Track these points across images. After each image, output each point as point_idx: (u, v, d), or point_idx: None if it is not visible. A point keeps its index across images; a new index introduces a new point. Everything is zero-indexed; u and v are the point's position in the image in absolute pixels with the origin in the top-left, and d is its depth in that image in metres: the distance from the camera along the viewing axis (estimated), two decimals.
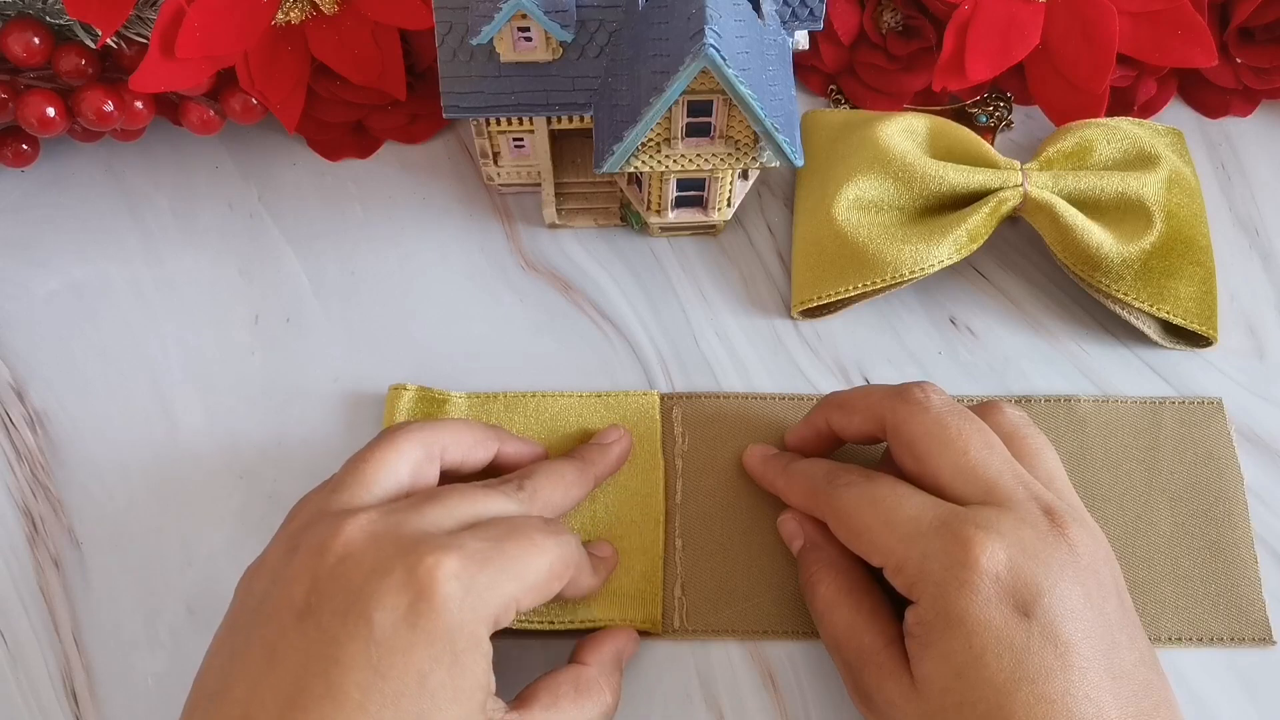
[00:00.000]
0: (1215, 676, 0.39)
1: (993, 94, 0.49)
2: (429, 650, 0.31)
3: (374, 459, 0.36)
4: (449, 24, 0.40)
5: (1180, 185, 0.44)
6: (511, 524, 0.34)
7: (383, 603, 0.31)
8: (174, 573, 0.41)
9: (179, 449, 0.43)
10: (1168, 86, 0.50)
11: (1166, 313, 0.43)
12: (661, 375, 0.44)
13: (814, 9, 0.41)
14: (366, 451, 0.36)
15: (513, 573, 0.32)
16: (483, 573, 0.32)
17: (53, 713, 0.39)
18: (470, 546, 0.32)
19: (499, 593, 0.32)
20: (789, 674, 0.39)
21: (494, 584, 0.32)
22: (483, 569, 0.32)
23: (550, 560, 0.34)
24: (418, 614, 0.31)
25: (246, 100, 0.45)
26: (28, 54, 0.42)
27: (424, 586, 0.31)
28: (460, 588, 0.31)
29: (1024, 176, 0.43)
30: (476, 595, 0.31)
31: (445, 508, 0.34)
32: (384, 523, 0.33)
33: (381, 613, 0.31)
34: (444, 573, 0.31)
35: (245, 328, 0.45)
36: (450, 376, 0.44)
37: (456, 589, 0.31)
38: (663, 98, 0.37)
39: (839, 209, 0.44)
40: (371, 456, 0.36)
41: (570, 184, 0.47)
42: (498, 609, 0.32)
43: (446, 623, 0.31)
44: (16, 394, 0.44)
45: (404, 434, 0.36)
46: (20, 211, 0.48)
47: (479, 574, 0.32)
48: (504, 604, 0.32)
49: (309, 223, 0.48)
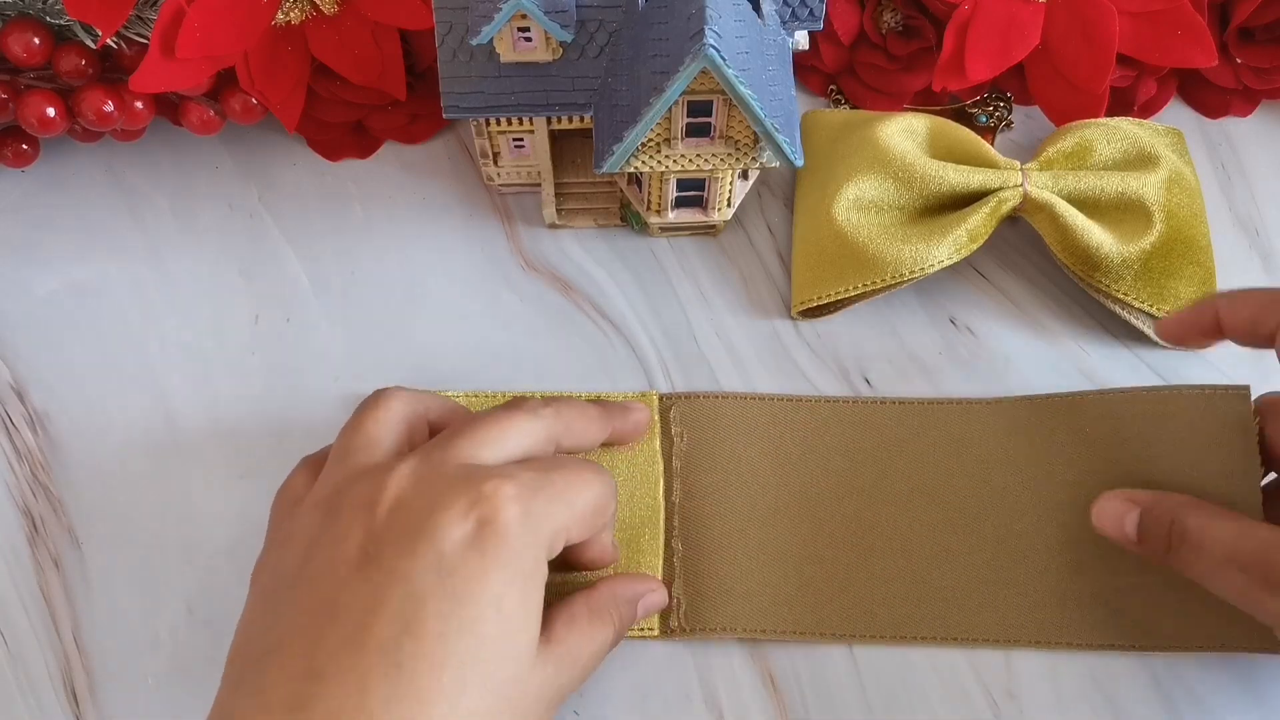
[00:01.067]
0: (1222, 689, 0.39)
1: (993, 94, 0.49)
2: (501, 574, 0.31)
3: (370, 418, 0.36)
4: (449, 24, 0.40)
5: (1180, 185, 0.44)
6: (558, 458, 0.35)
7: (449, 533, 0.31)
8: (174, 573, 0.41)
9: (179, 449, 0.43)
10: (1168, 86, 0.50)
11: (1167, 313, 0.43)
12: (661, 375, 0.44)
13: (814, 9, 0.41)
14: (358, 417, 0.36)
15: (564, 500, 0.33)
16: (536, 498, 0.32)
17: (53, 713, 0.39)
18: (522, 476, 0.32)
19: (553, 519, 0.32)
20: (789, 674, 0.39)
21: (548, 510, 0.32)
22: (536, 495, 0.32)
23: (596, 492, 0.34)
24: (484, 538, 0.31)
25: (246, 100, 0.45)
26: (28, 54, 0.42)
27: (487, 512, 0.31)
28: (520, 512, 0.31)
29: (1024, 176, 0.43)
30: (535, 519, 0.32)
31: (475, 439, 0.34)
32: (426, 465, 0.33)
33: (450, 542, 0.31)
34: (504, 496, 0.31)
35: (245, 328, 0.45)
36: (450, 376, 0.44)
37: (517, 512, 0.31)
38: (663, 98, 0.37)
39: (839, 209, 0.44)
40: (367, 417, 0.36)
41: (570, 184, 0.47)
42: (551, 535, 0.32)
43: (513, 546, 0.31)
44: (16, 394, 0.44)
45: (388, 393, 0.37)
46: (20, 211, 0.48)
47: (533, 499, 0.32)
48: (556, 531, 0.33)
49: (309, 223, 0.48)
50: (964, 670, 0.39)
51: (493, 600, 0.31)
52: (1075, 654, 0.39)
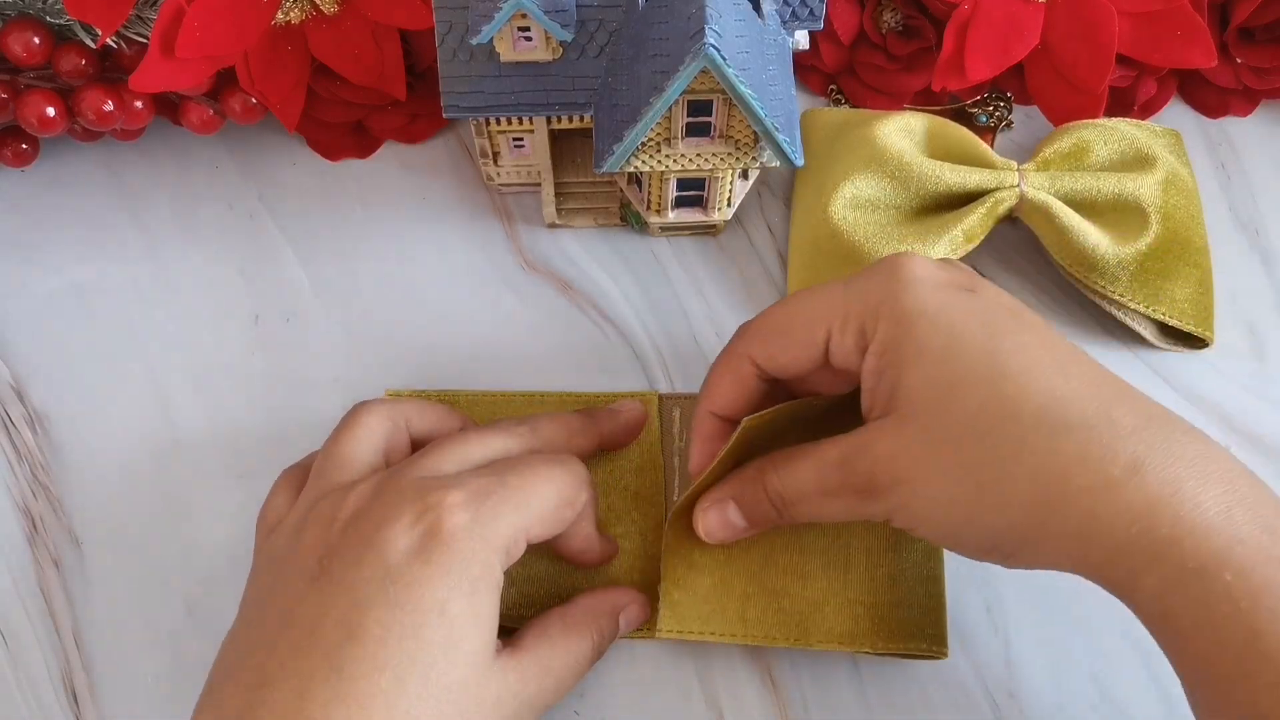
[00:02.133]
0: None
1: (993, 94, 0.49)
2: (445, 580, 0.31)
3: (347, 437, 0.36)
4: (449, 24, 0.40)
5: (1177, 186, 0.44)
6: (512, 460, 0.35)
7: (395, 544, 0.31)
8: (174, 573, 0.41)
9: (179, 449, 0.43)
10: (1168, 86, 0.50)
11: (1162, 314, 0.43)
12: (661, 375, 0.44)
13: (814, 9, 0.41)
14: (335, 437, 0.37)
15: (516, 502, 0.33)
16: (485, 502, 0.32)
17: (53, 713, 0.39)
18: (472, 483, 0.33)
19: (507, 522, 0.33)
20: (789, 674, 0.39)
21: (499, 514, 0.32)
22: (484, 499, 0.32)
23: (557, 487, 0.34)
24: (429, 548, 0.31)
25: (246, 100, 0.45)
26: (28, 54, 0.42)
27: (432, 520, 0.31)
28: (468, 517, 0.32)
29: (1020, 177, 0.43)
30: (484, 524, 0.32)
31: (442, 455, 0.35)
32: (387, 480, 0.34)
33: (394, 553, 0.31)
34: (449, 504, 0.32)
35: (245, 328, 0.45)
36: (450, 376, 0.44)
37: (464, 518, 0.32)
38: (663, 97, 0.37)
39: (835, 208, 0.44)
40: (344, 436, 0.36)
41: (570, 184, 0.47)
42: (508, 539, 0.33)
43: (459, 552, 0.31)
44: (16, 394, 0.44)
45: (365, 409, 0.37)
46: (20, 211, 0.48)
47: (482, 504, 0.32)
48: (513, 534, 0.33)
49: (309, 223, 0.48)
50: (964, 670, 0.39)
51: (435, 605, 0.31)
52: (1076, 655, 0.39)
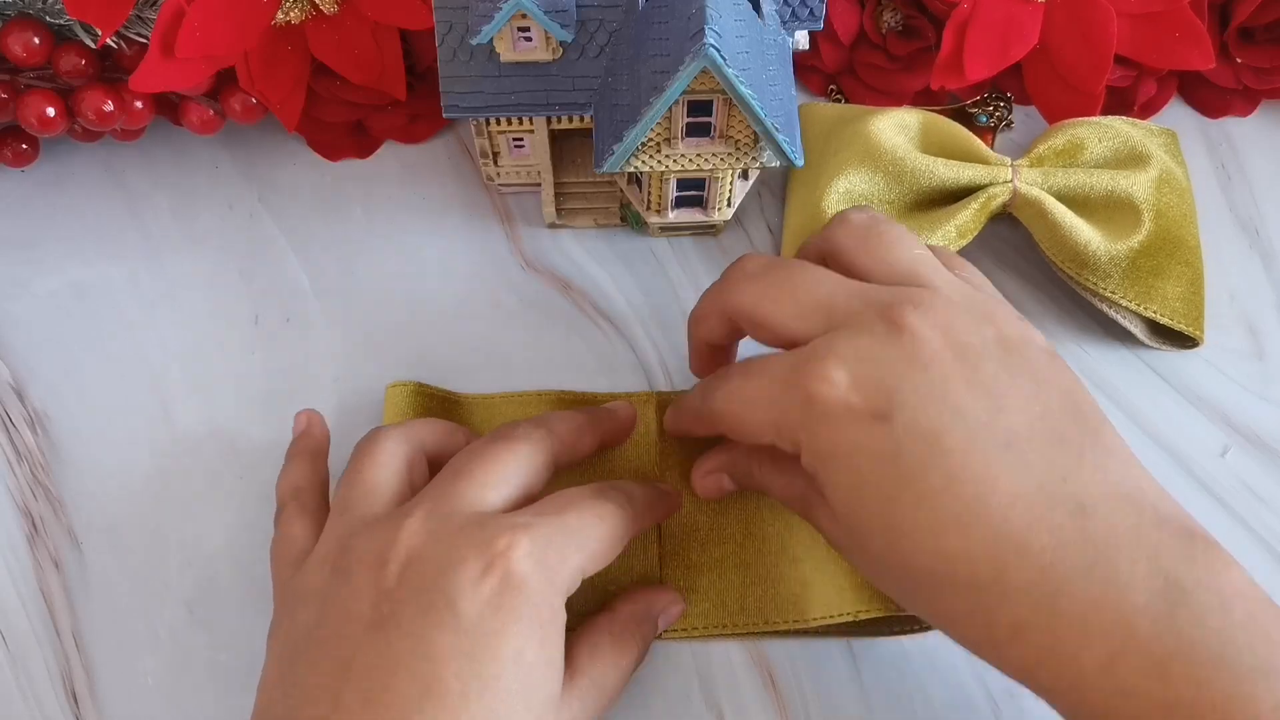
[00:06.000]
0: None
1: (993, 94, 0.49)
2: (518, 628, 0.31)
3: (369, 464, 0.35)
4: (449, 24, 0.40)
5: (1170, 185, 0.44)
6: (566, 497, 0.34)
7: (464, 592, 0.31)
8: (174, 573, 0.41)
9: (179, 449, 0.43)
10: (1167, 86, 0.50)
11: (1153, 312, 0.43)
12: (661, 375, 0.44)
13: (814, 9, 0.41)
14: (356, 465, 0.36)
15: (577, 544, 0.33)
16: (550, 546, 0.32)
17: (53, 713, 0.39)
18: (535, 527, 0.32)
19: (569, 565, 0.33)
20: (789, 674, 0.39)
21: (564, 557, 0.32)
22: (550, 543, 0.32)
23: (610, 526, 0.34)
24: (501, 595, 0.31)
25: (246, 100, 0.45)
26: (28, 54, 0.42)
27: (502, 568, 0.31)
28: (535, 564, 0.31)
29: (1014, 172, 0.43)
30: (551, 569, 0.32)
31: (477, 480, 0.34)
32: (435, 518, 0.33)
33: (465, 601, 0.31)
34: (519, 553, 0.31)
35: (245, 328, 0.45)
36: (450, 376, 0.44)
37: (532, 566, 0.31)
38: (663, 97, 0.37)
39: (829, 202, 0.44)
40: (365, 464, 0.36)
41: (570, 184, 0.47)
42: (569, 580, 0.33)
43: (530, 599, 0.31)
44: (16, 394, 0.44)
45: (383, 434, 0.37)
46: (20, 211, 0.48)
47: (548, 548, 0.32)
48: (573, 574, 0.33)
49: (309, 223, 0.48)
50: (964, 670, 0.39)
51: (513, 655, 0.30)
52: None
